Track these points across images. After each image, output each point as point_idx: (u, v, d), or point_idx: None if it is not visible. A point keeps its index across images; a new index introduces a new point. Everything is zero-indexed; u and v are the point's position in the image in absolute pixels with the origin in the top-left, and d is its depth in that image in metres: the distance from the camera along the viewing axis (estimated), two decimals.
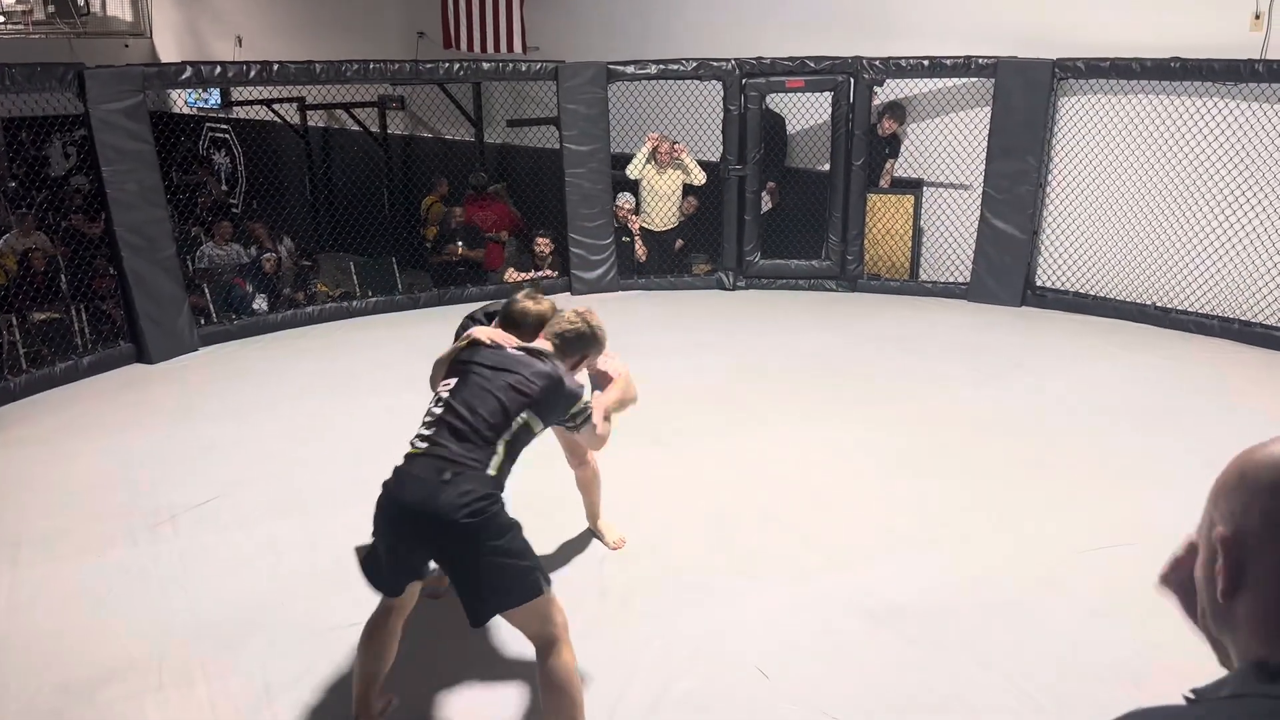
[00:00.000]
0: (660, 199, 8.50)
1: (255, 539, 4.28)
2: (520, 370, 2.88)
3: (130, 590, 3.90)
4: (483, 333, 3.03)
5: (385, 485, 2.78)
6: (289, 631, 3.57)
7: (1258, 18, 6.50)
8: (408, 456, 2.80)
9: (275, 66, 7.15)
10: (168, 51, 16.16)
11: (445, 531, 2.64)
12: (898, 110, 8.06)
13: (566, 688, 2.70)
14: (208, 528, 4.39)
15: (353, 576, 3.87)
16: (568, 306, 3.33)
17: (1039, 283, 7.86)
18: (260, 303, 8.15)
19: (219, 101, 13.58)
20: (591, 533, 4.18)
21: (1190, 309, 7.14)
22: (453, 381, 2.90)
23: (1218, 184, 6.84)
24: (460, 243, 8.93)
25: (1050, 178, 7.64)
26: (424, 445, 2.78)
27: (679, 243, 8.82)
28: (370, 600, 3.02)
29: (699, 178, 8.39)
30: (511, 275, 8.56)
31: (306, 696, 3.22)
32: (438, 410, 2.84)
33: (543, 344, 3.07)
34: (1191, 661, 3.50)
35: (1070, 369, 6.39)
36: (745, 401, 5.87)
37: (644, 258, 8.62)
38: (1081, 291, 7.67)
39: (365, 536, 3.71)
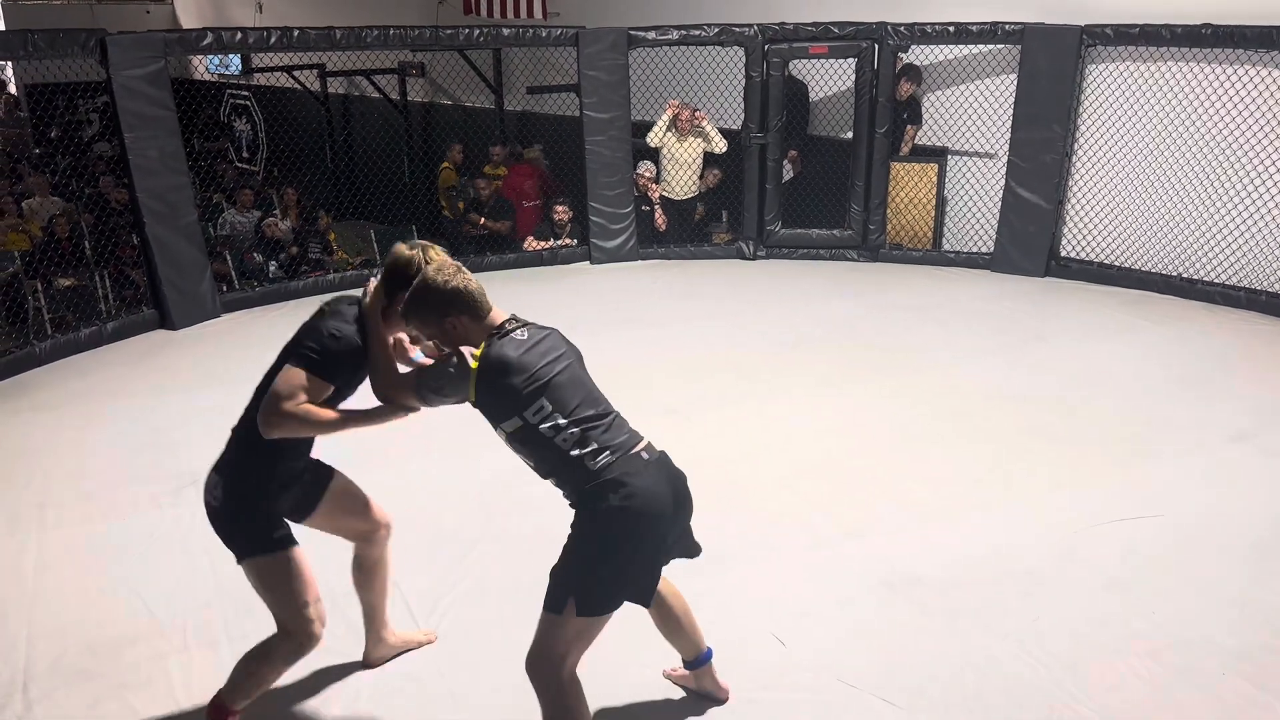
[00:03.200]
0: (681, 167, 8.45)
1: None
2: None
3: (155, 553, 3.95)
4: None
5: (644, 494, 2.48)
6: None
7: None
8: (644, 462, 2.55)
9: (296, 33, 7.13)
10: (189, 17, 16.17)
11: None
12: (914, 72, 7.95)
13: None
14: None
15: None
16: (571, 274, 3.28)
17: (1063, 253, 7.78)
18: (274, 269, 8.19)
19: (240, 68, 13.58)
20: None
21: (1217, 280, 7.05)
22: (571, 382, 2.57)
23: (1247, 153, 6.73)
24: (483, 218, 8.88)
25: (1076, 146, 7.53)
26: (642, 439, 2.62)
27: (699, 211, 8.77)
28: (400, 566, 3.04)
29: (720, 146, 8.33)
30: (531, 244, 8.54)
31: (325, 658, 3.25)
32: (602, 405, 2.61)
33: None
34: (1207, 634, 3.51)
35: (1093, 341, 6.33)
36: (763, 371, 5.85)
37: (664, 226, 8.58)
38: (1107, 262, 7.59)
39: (386, 496, 3.76)
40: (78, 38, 6.18)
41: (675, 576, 3.62)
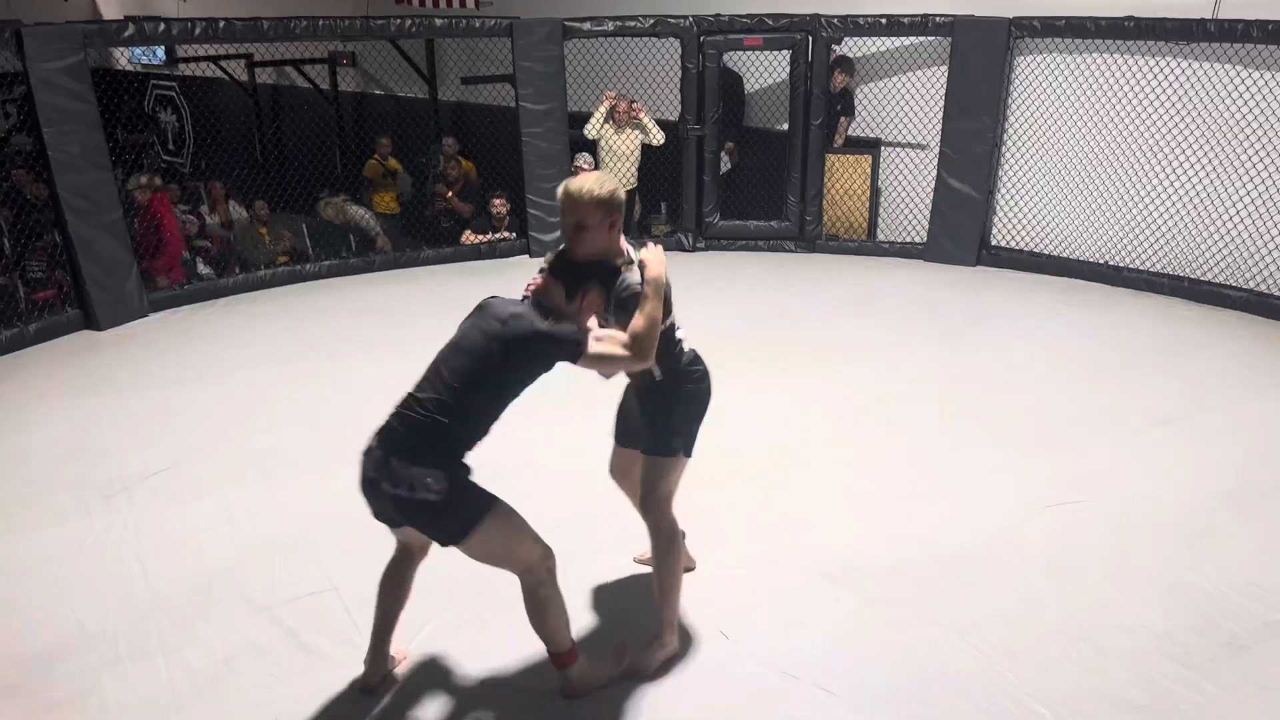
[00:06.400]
0: (619, 159, 8.43)
1: (211, 508, 4.23)
2: None
3: (85, 562, 3.85)
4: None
5: (703, 367, 3.20)
6: (248, 603, 3.55)
7: None
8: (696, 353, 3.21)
9: (221, 24, 6.95)
10: (109, 6, 15.66)
11: None
12: (846, 64, 8.03)
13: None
14: (163, 497, 4.34)
15: (311, 545, 3.88)
16: (510, 268, 3.28)
17: (994, 242, 7.93)
18: (203, 267, 8.02)
19: (164, 58, 13.21)
20: None
21: (1141, 267, 7.25)
22: None
23: (1169, 143, 6.92)
24: (451, 192, 8.77)
25: (1006, 137, 7.68)
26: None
27: (637, 206, 8.76)
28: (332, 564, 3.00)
29: (658, 138, 8.32)
30: (468, 237, 8.46)
31: (265, 668, 3.21)
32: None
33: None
34: (1138, 618, 3.60)
35: (1024, 327, 6.47)
36: None
37: None
38: (1035, 250, 7.76)
39: (320, 503, 3.69)
40: None
41: (618, 576, 3.64)
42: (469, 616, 3.44)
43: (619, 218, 2.95)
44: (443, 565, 3.09)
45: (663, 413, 3.11)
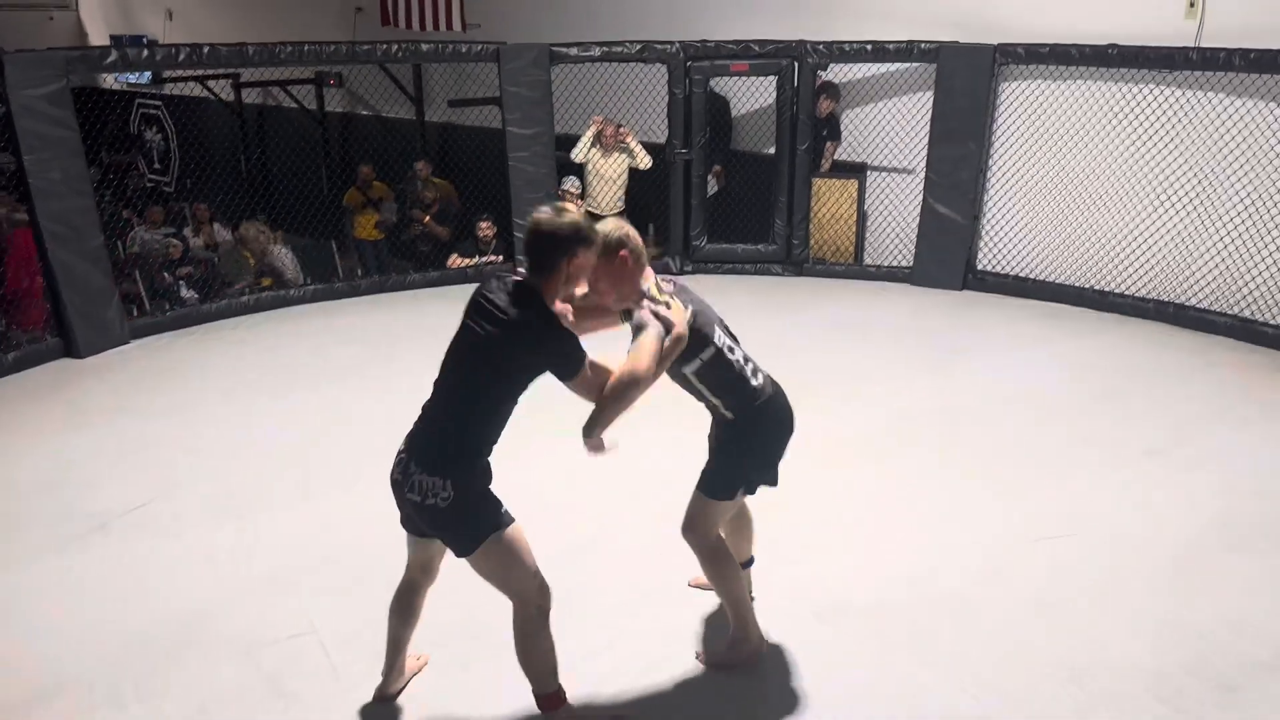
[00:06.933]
0: (606, 183, 8.41)
1: (191, 546, 4.16)
2: None
3: (60, 603, 3.77)
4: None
5: (782, 401, 3.27)
6: (226, 646, 3.48)
7: (1192, 6, 6.58)
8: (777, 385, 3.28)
9: (206, 49, 6.91)
10: (95, 25, 15.62)
11: None
12: (833, 90, 8.06)
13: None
14: (142, 534, 4.27)
15: (292, 584, 3.82)
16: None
17: (980, 266, 7.94)
18: (186, 290, 7.96)
19: (150, 77, 13.16)
20: None
21: (1127, 292, 7.26)
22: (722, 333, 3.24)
23: (1154, 169, 6.95)
24: (428, 216, 8.73)
25: (991, 162, 7.70)
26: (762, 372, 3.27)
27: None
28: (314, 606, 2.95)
29: (645, 162, 8.32)
30: (455, 261, 8.43)
31: (243, 715, 3.15)
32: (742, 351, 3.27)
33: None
34: (1128, 656, 3.56)
35: (1010, 354, 6.46)
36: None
37: None
38: (1021, 275, 7.77)
39: (301, 540, 3.63)
40: None
41: (605, 614, 3.58)
42: (454, 658, 3.39)
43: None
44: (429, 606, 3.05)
45: (731, 453, 3.20)
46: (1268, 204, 6.47)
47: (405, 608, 3.08)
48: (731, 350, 3.18)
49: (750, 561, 3.62)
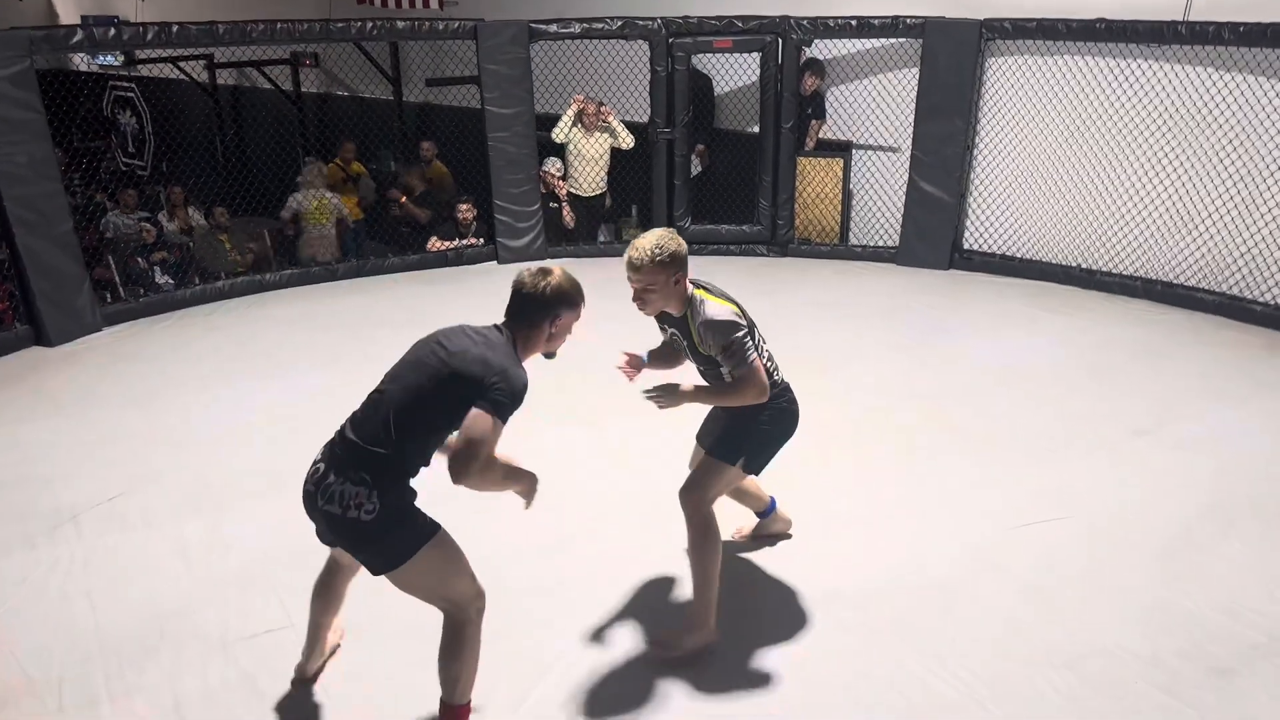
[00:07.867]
0: (588, 163, 8.29)
1: (163, 540, 4.06)
2: None
3: (28, 601, 3.66)
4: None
5: (794, 402, 3.41)
6: (199, 643, 3.38)
7: None
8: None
9: (175, 28, 6.73)
10: (65, 6, 15.32)
11: None
12: (817, 66, 7.94)
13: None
14: (112, 528, 4.16)
15: (268, 578, 3.72)
16: (477, 275, 3.14)
17: (966, 245, 7.86)
18: (160, 276, 7.81)
19: (123, 59, 12.91)
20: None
21: (1114, 270, 7.20)
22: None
23: (1141, 146, 6.87)
24: (405, 197, 8.58)
25: (978, 139, 7.61)
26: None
27: (608, 201, 8.63)
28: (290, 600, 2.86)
29: (627, 142, 8.19)
30: (434, 244, 8.29)
31: (218, 713, 3.06)
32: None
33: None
34: (1121, 642, 3.51)
35: (997, 334, 6.39)
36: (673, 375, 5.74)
37: (572, 224, 8.42)
38: (1008, 254, 7.70)
39: (277, 532, 3.53)
40: None
41: (592, 601, 3.52)
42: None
43: (683, 274, 3.14)
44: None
45: (740, 428, 3.31)
46: (1258, 180, 6.40)
47: (326, 595, 3.04)
48: (760, 345, 3.27)
49: (772, 502, 3.91)
